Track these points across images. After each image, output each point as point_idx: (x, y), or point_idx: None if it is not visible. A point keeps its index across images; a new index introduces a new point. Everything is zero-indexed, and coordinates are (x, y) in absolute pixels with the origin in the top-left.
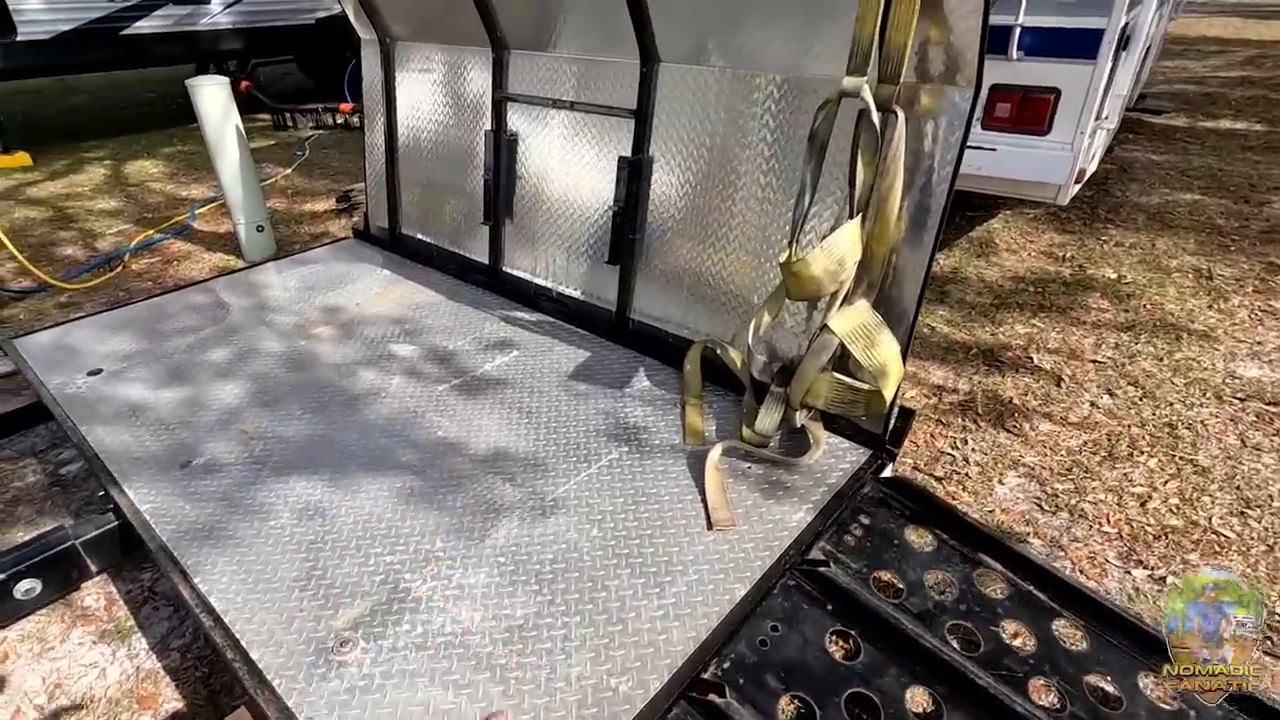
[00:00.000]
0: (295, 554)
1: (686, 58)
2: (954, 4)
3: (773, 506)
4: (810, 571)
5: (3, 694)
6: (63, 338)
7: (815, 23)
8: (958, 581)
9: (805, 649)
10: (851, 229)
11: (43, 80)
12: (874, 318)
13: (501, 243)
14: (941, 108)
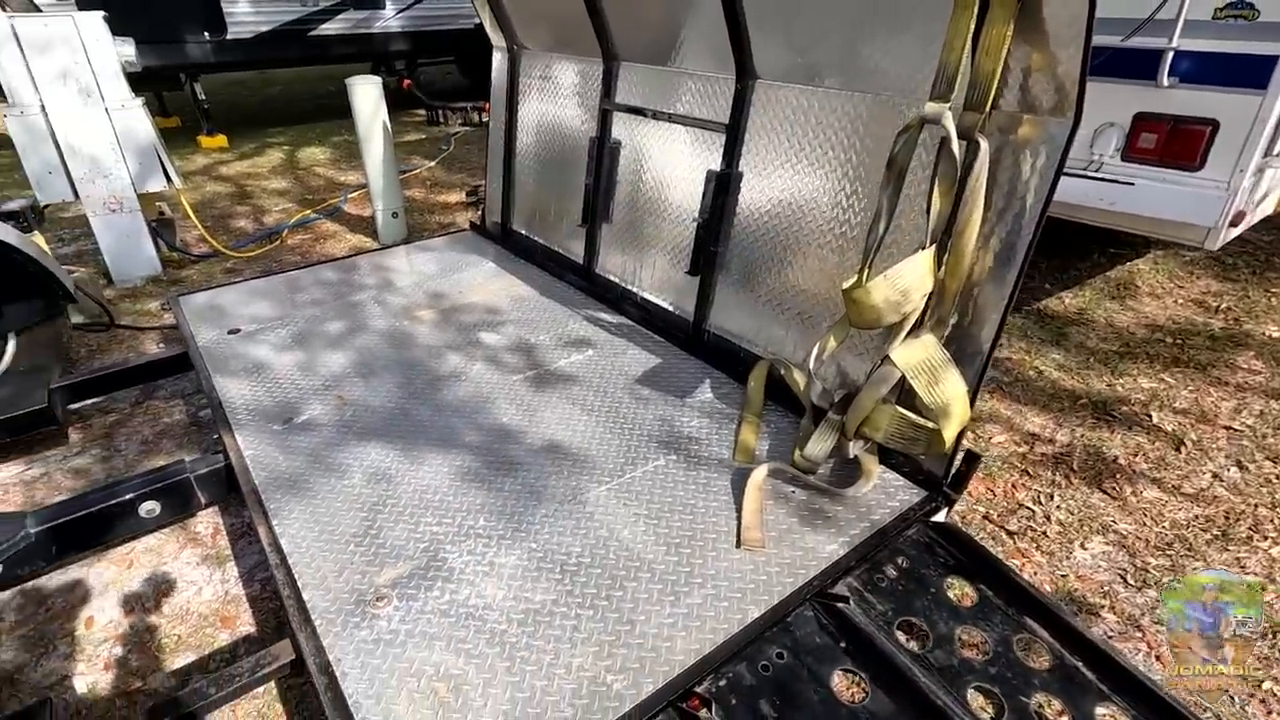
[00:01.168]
0: (358, 512)
1: (781, 75)
2: (1053, 30)
3: (807, 534)
4: (829, 606)
5: (123, 593)
6: (215, 299)
7: (903, 46)
8: (993, 643)
9: (807, 682)
10: (922, 260)
11: (245, 73)
12: (940, 354)
13: (596, 245)
14: (1033, 139)
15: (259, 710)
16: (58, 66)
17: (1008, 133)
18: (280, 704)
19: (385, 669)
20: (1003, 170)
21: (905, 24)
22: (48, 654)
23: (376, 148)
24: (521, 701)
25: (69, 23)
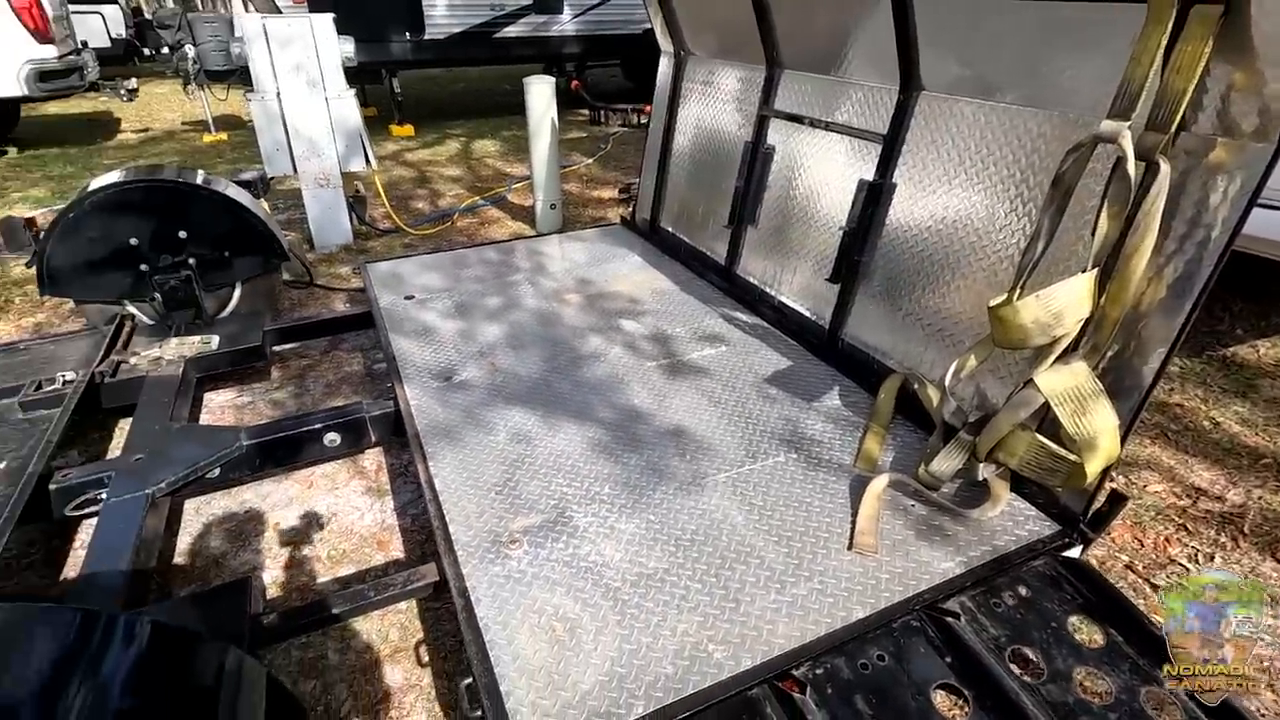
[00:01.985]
0: (499, 465)
1: (946, 88)
2: (1262, 47)
3: (923, 548)
4: (938, 619)
5: (304, 508)
6: (396, 268)
7: (1082, 61)
8: (1118, 690)
9: (906, 689)
10: (1080, 283)
11: (435, 70)
12: (1092, 383)
13: (740, 247)
14: (1226, 164)
15: (402, 623)
16: (293, 60)
17: (1194, 156)
18: (419, 621)
19: (512, 602)
20: (1185, 196)
21: (1087, 39)
22: (244, 547)
23: (543, 143)
24: (628, 653)
25: (306, 23)
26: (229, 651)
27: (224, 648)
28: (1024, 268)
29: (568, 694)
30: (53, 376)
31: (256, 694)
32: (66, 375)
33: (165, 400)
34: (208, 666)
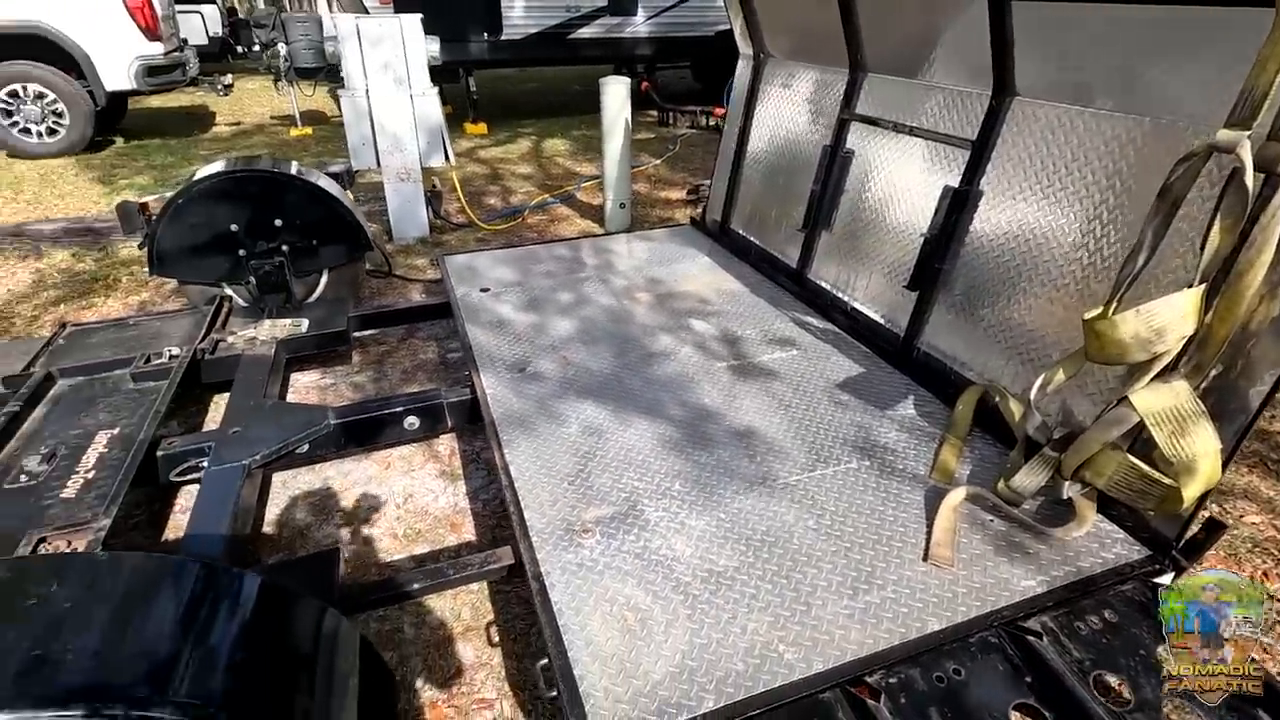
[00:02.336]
0: (572, 456)
1: (1043, 93)
2: None
3: (1002, 565)
4: (1019, 637)
5: (381, 487)
6: (472, 261)
7: (1196, 67)
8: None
9: (983, 705)
10: (1186, 299)
11: (508, 69)
12: (1193, 404)
13: (813, 251)
14: None
15: (473, 603)
16: (382, 59)
17: None
18: (489, 603)
19: (585, 589)
20: None
21: (1203, 43)
22: (327, 520)
23: (616, 142)
24: (698, 647)
25: (396, 23)
26: (327, 612)
27: (323, 608)
28: (1123, 280)
29: (639, 682)
30: (160, 351)
31: (351, 655)
32: (172, 350)
33: (259, 378)
34: (309, 624)
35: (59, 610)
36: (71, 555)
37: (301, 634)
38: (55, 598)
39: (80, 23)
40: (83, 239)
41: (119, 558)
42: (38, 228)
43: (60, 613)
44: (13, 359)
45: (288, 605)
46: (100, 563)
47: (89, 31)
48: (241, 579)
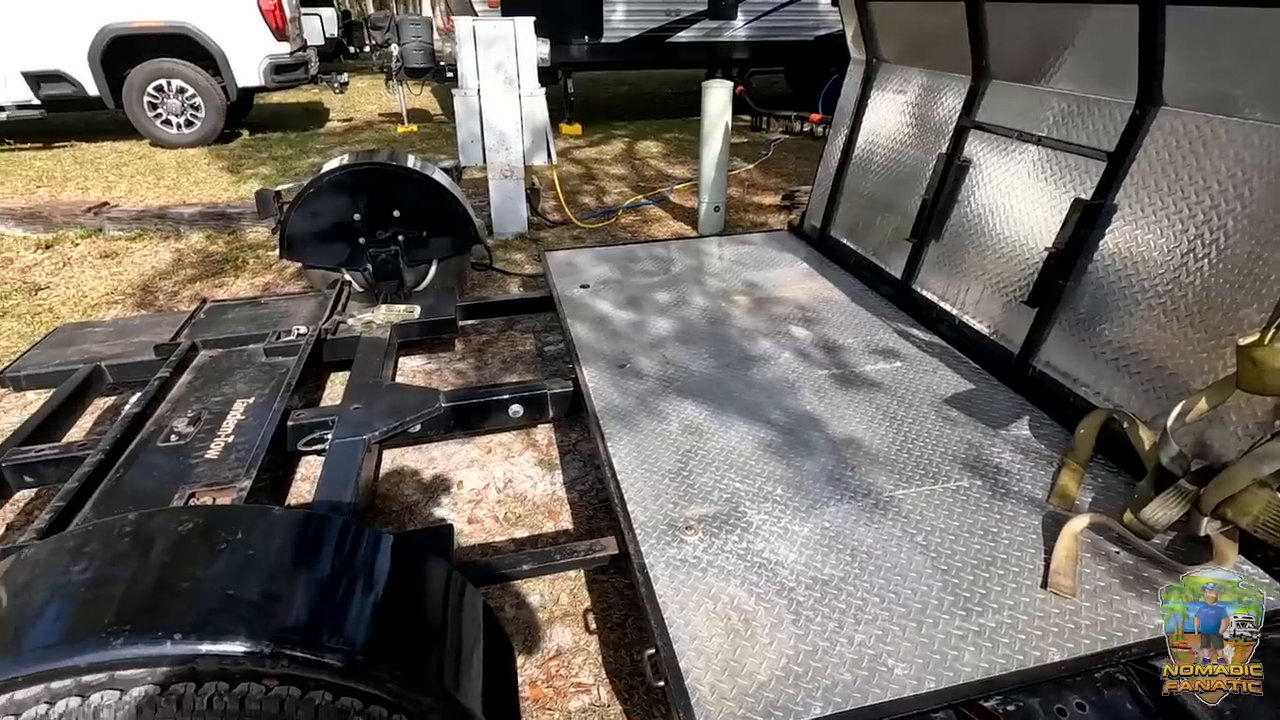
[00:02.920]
0: (673, 454)
1: (1194, 103)
2: None
3: (1130, 600)
4: (1149, 676)
5: (483, 471)
6: (571, 258)
7: None
8: None
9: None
10: None
11: (601, 71)
12: None
13: (920, 261)
14: None
15: (571, 590)
16: (495, 59)
17: None
18: (586, 591)
19: (688, 585)
20: None
21: None
22: (432, 499)
23: (715, 145)
24: (804, 653)
25: (509, 25)
26: (454, 575)
27: (450, 571)
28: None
29: (744, 682)
30: (289, 329)
31: (477, 618)
32: (299, 329)
33: (376, 360)
34: (439, 585)
35: (231, 555)
36: (237, 507)
37: (433, 594)
38: (226, 544)
39: (219, 23)
40: (216, 223)
41: (278, 511)
42: (178, 211)
43: (232, 557)
44: (161, 329)
45: (421, 566)
46: (260, 514)
47: (226, 31)
48: (380, 538)
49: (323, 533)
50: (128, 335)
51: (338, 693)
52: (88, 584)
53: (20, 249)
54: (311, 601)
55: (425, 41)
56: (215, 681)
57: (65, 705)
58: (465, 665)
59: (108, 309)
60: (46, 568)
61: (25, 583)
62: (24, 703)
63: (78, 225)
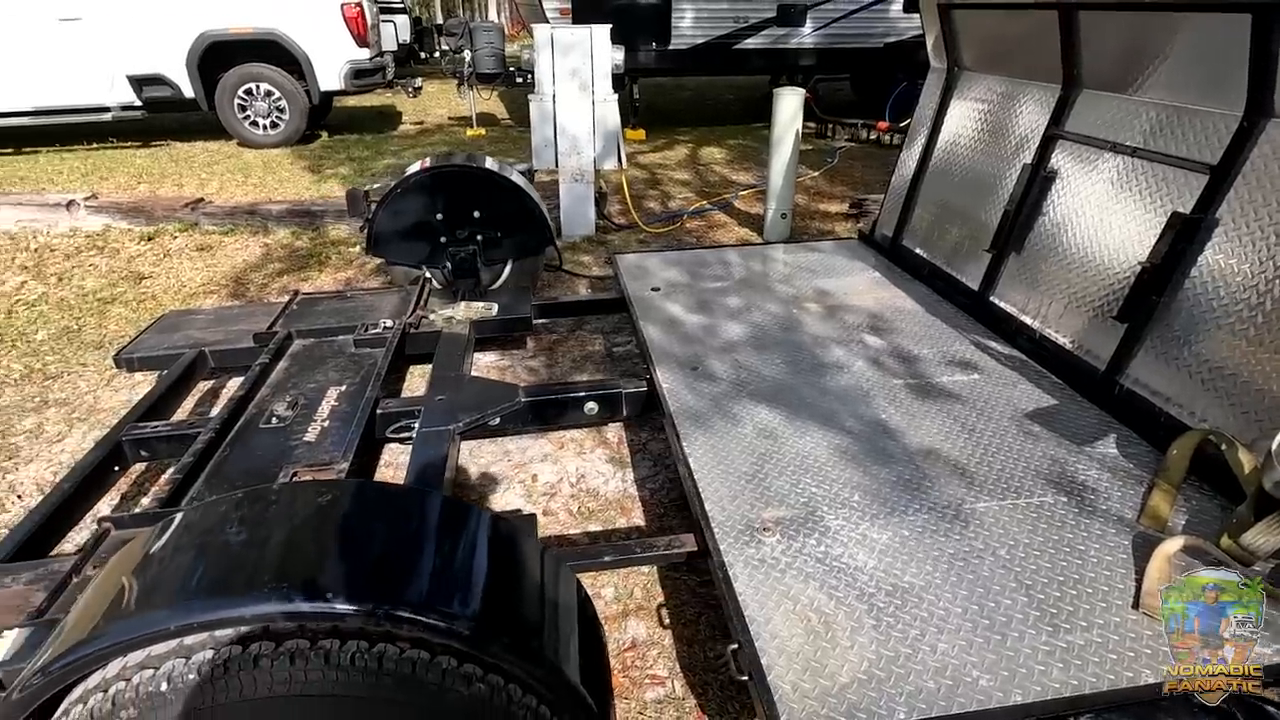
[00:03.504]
0: (748, 456)
1: None
2: None
3: None
4: (1254, 705)
5: (556, 466)
6: (641, 261)
7: None
8: None
9: None
10: None
11: (664, 78)
12: None
13: (999, 273)
14: None
15: (644, 585)
16: (571, 66)
17: None
18: (659, 587)
19: (767, 585)
20: None
21: None
22: (507, 490)
23: (784, 152)
24: (886, 659)
25: (586, 32)
26: (549, 556)
27: (545, 549)
28: None
29: (826, 682)
30: (376, 322)
31: (571, 596)
32: (386, 322)
33: (456, 354)
34: (536, 563)
35: (367, 526)
36: (370, 483)
37: (534, 573)
38: (360, 516)
39: (306, 30)
40: (301, 220)
41: (403, 489)
42: (266, 208)
43: (369, 528)
44: (257, 318)
45: (519, 543)
46: (387, 490)
47: (312, 37)
48: (480, 514)
49: (441, 511)
50: (227, 323)
51: (461, 659)
52: (244, 545)
53: (125, 241)
54: (440, 573)
55: (497, 48)
56: (357, 640)
57: (229, 651)
58: (566, 642)
59: (204, 298)
60: (204, 531)
61: (187, 543)
62: (193, 647)
63: (176, 220)
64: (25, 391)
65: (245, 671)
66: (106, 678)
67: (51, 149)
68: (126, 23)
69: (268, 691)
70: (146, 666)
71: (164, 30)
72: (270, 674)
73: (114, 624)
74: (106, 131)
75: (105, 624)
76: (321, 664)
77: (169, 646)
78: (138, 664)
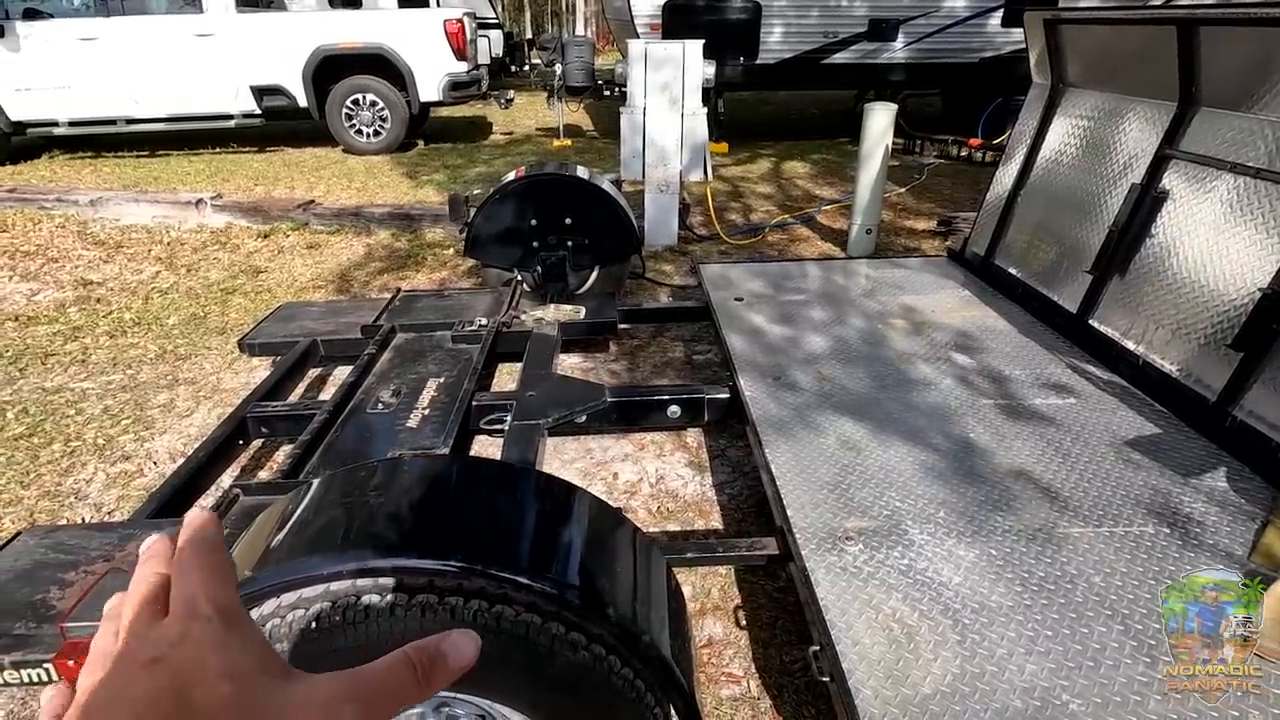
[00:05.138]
0: (830, 466)
1: None
2: None
3: None
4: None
5: (637, 466)
6: (725, 271)
7: None
8: None
9: None
10: None
11: (746, 91)
12: None
13: (1100, 295)
14: None
15: (721, 586)
16: (662, 80)
17: None
18: (736, 588)
19: (849, 593)
20: None
21: None
22: (591, 486)
23: (873, 167)
24: (970, 674)
25: (679, 48)
26: (640, 537)
27: (636, 530)
28: None
29: (908, 692)
30: (471, 320)
31: (662, 576)
32: (481, 320)
33: (546, 353)
34: (628, 541)
35: (490, 498)
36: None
37: (623, 547)
38: (482, 489)
39: (410, 44)
40: (400, 223)
41: (517, 466)
42: (369, 210)
43: (492, 500)
44: (363, 312)
45: (616, 522)
46: (503, 468)
47: (415, 51)
48: (577, 492)
49: (553, 490)
50: (336, 315)
51: (569, 627)
52: (380, 508)
53: (245, 238)
54: (553, 545)
55: (587, 61)
56: (478, 599)
57: (369, 599)
58: (660, 624)
59: (314, 291)
60: (343, 494)
61: (330, 503)
62: (337, 594)
63: (289, 219)
64: (159, 370)
65: (382, 619)
66: (263, 614)
67: (181, 153)
68: (252, 38)
69: (401, 639)
70: (298, 606)
71: (284, 45)
72: (404, 623)
73: (270, 568)
74: (228, 137)
75: (260, 569)
76: (447, 618)
77: (318, 590)
78: (290, 604)
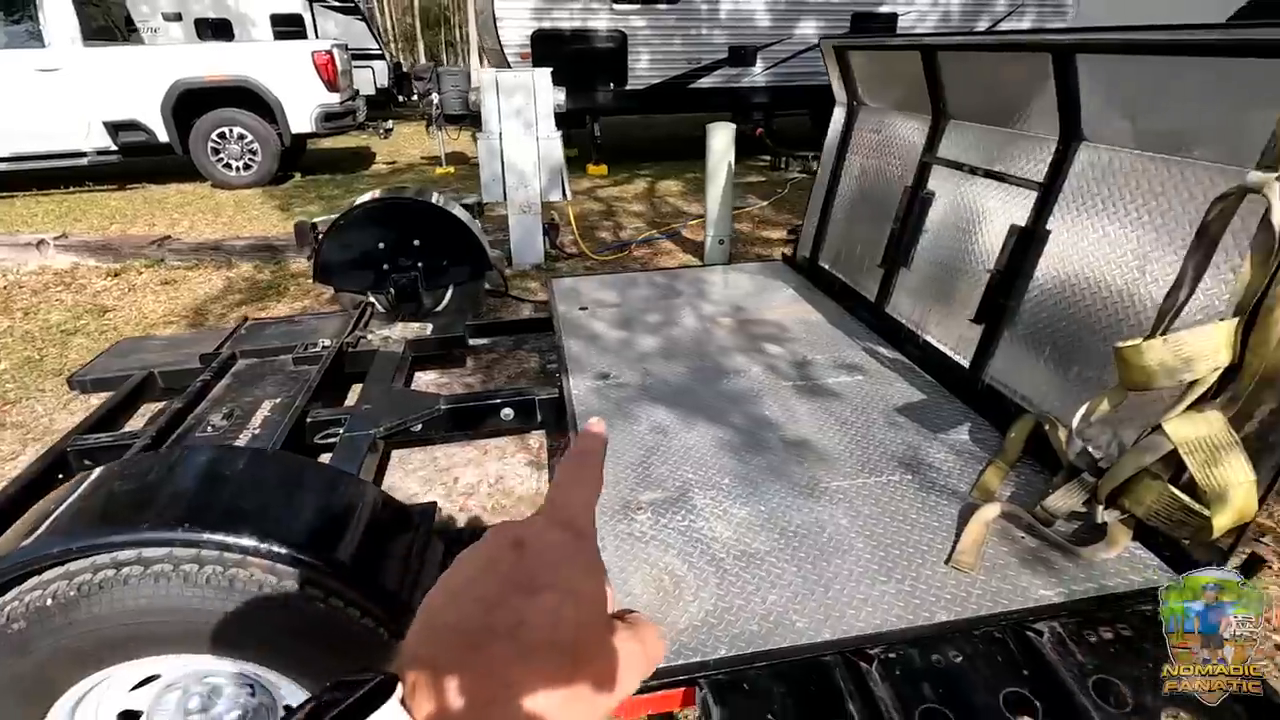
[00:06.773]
0: (637, 449)
1: (1106, 139)
2: None
3: (1023, 574)
4: (1020, 633)
5: (478, 469)
6: (576, 284)
7: (1234, 116)
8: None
9: (973, 686)
10: (1217, 331)
11: (633, 116)
12: (1227, 435)
13: (891, 286)
14: None
15: None
16: (515, 106)
17: None
18: None
19: (631, 554)
20: None
21: (1242, 97)
22: (430, 489)
23: (719, 182)
24: (722, 609)
25: (529, 75)
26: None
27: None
28: (1164, 314)
29: (665, 628)
30: (315, 342)
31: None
32: (324, 342)
33: (389, 370)
34: (394, 521)
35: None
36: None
37: (406, 538)
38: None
39: (277, 76)
40: (263, 254)
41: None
42: (230, 243)
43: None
44: (207, 343)
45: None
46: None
47: (283, 83)
48: (367, 487)
49: (299, 470)
50: (179, 348)
51: (303, 584)
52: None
53: (93, 277)
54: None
55: (463, 90)
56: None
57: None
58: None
59: (164, 328)
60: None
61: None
62: (74, 571)
63: (142, 256)
64: None
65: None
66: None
67: (28, 193)
68: (103, 72)
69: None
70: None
71: (139, 78)
72: (137, 590)
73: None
74: (83, 175)
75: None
76: (181, 583)
77: (57, 572)
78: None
